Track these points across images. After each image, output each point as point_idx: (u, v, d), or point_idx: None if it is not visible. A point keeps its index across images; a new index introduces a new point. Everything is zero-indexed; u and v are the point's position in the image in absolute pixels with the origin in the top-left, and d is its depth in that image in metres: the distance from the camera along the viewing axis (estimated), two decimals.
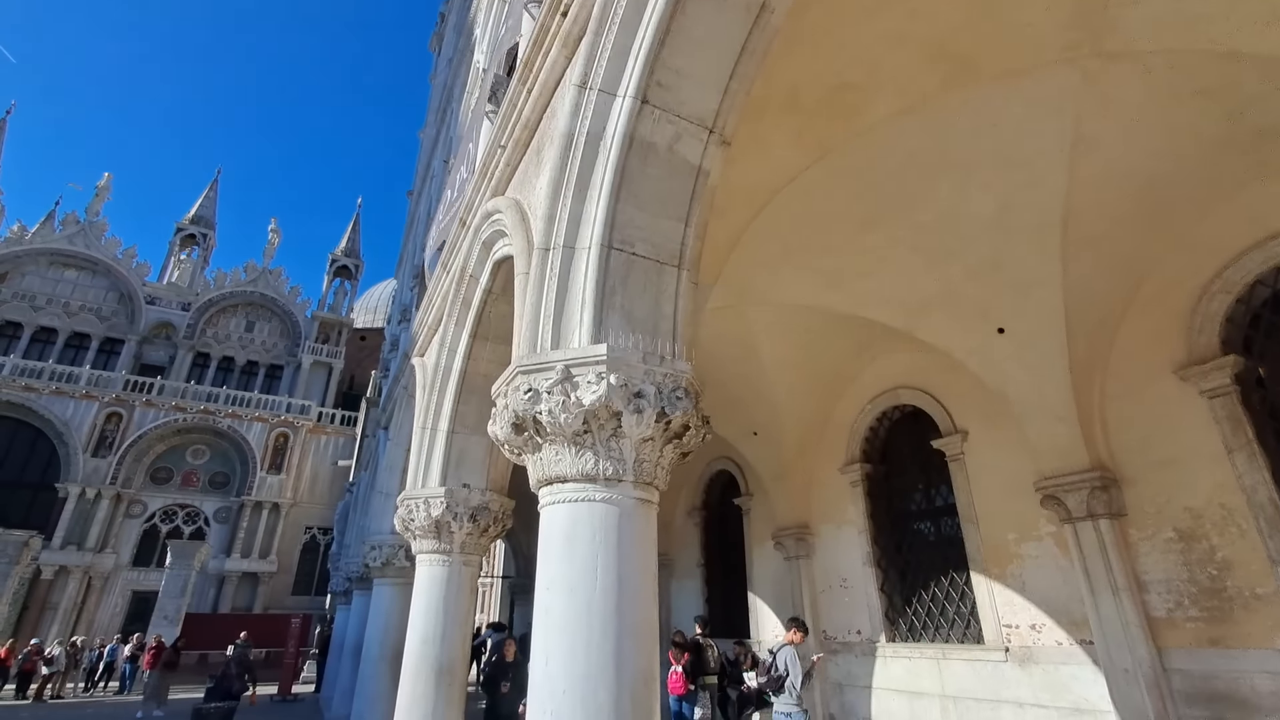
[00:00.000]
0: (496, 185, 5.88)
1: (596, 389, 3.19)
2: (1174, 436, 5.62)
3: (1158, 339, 5.85)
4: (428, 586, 6.44)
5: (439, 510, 6.58)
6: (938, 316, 6.76)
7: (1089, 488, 5.93)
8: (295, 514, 32.23)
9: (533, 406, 3.29)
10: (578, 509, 3.25)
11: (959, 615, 7.29)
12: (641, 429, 3.28)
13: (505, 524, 7.13)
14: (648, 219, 3.71)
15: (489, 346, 6.96)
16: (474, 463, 7.04)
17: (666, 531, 12.96)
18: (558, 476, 3.31)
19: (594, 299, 3.47)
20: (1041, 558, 6.45)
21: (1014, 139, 5.09)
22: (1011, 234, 5.83)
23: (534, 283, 3.72)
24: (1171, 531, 5.54)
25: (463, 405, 7.03)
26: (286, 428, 32.54)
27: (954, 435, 7.49)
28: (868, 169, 5.34)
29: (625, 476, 3.30)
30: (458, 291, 6.93)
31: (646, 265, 3.68)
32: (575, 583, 3.09)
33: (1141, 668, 5.40)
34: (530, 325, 3.64)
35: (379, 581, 9.42)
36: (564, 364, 3.29)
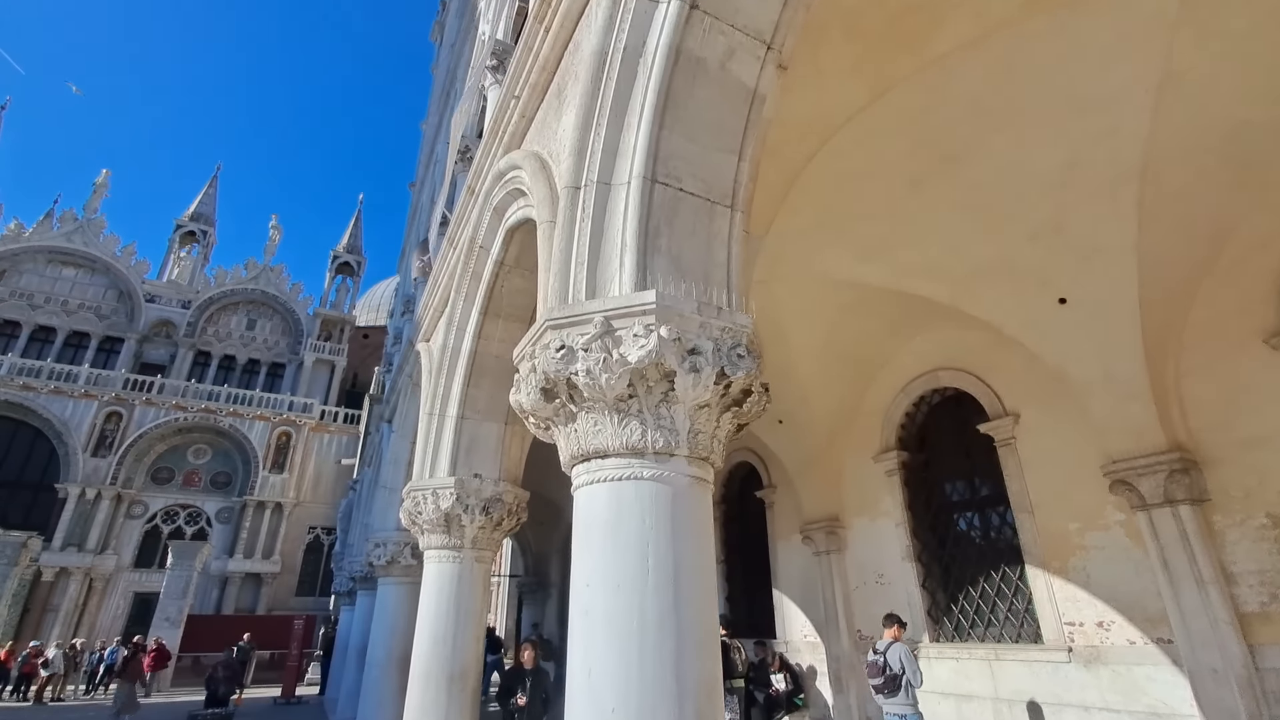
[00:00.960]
0: (509, 143, 5.34)
1: (645, 343, 2.65)
2: (1264, 412, 5.06)
3: (1243, 306, 5.29)
4: (437, 585, 5.92)
5: (448, 502, 6.05)
6: (990, 287, 6.20)
7: (1166, 471, 5.37)
8: (298, 513, 31.76)
9: (566, 367, 2.75)
10: (621, 490, 2.71)
11: (1012, 613, 6.73)
12: (698, 392, 2.74)
13: (520, 517, 6.60)
14: (696, 150, 3.16)
15: (501, 324, 6.42)
16: (486, 451, 6.50)
17: None
18: (596, 450, 2.77)
19: (636, 241, 2.93)
20: (1109, 549, 5.89)
21: (1093, 77, 4.52)
22: (1079, 192, 5.26)
23: (563, 227, 3.18)
24: (1264, 518, 4.99)
25: (473, 388, 6.49)
26: (289, 426, 32.05)
27: (1004, 418, 6.93)
28: (922, 118, 4.79)
29: (678, 450, 2.76)
30: (466, 266, 6.39)
31: (696, 204, 3.13)
32: (622, 578, 2.55)
33: (1233, 668, 4.84)
34: (560, 274, 3.09)
35: (384, 581, 8.90)
36: (603, 315, 2.74)
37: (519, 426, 6.78)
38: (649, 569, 2.56)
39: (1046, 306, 6.02)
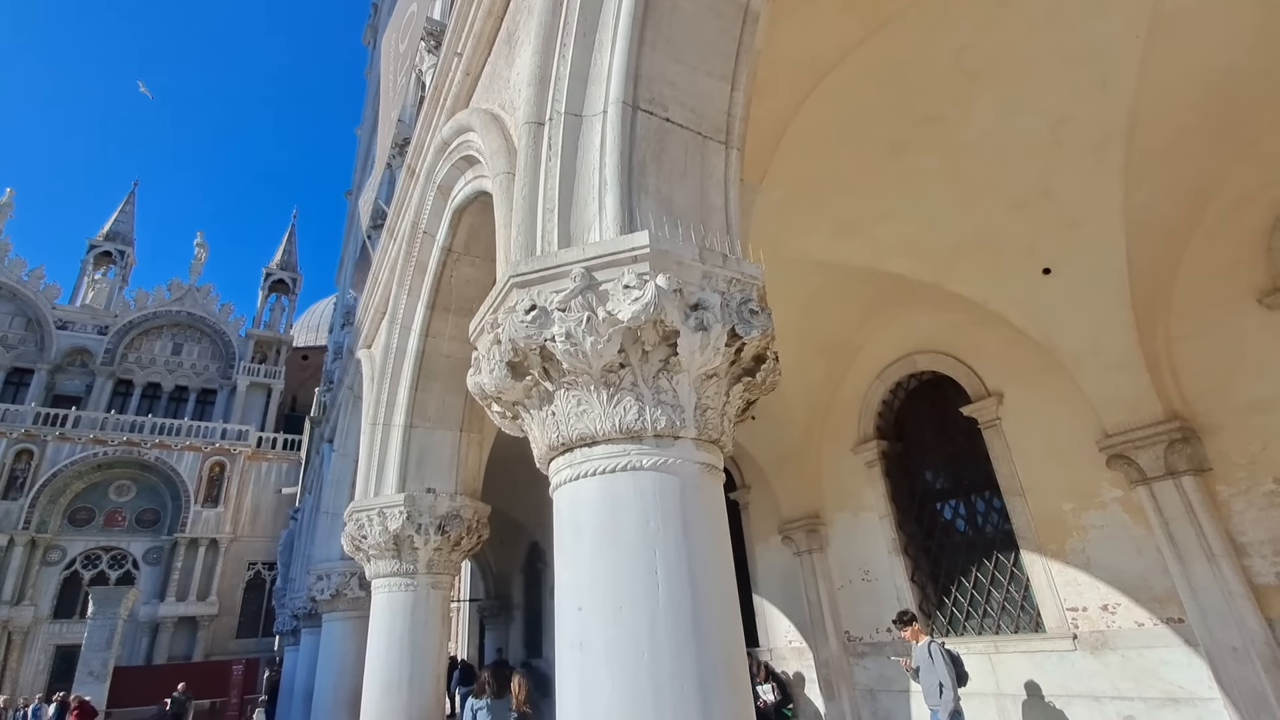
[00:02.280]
0: (453, 107, 4.72)
1: (639, 295, 2.09)
2: (1263, 374, 4.89)
3: (1232, 266, 5.13)
4: (388, 619, 5.16)
5: (398, 522, 5.32)
6: (972, 261, 5.91)
7: (1166, 441, 5.15)
8: (236, 549, 29.59)
9: (539, 333, 2.16)
10: (617, 484, 2.14)
11: (1009, 602, 6.42)
12: (706, 357, 2.19)
13: (481, 534, 5.91)
14: (683, 73, 2.64)
15: (451, 319, 5.75)
16: (439, 462, 5.80)
17: None
18: (582, 437, 2.19)
19: (619, 178, 2.37)
20: (1108, 527, 5.64)
21: (1084, 25, 4.26)
22: (1066, 155, 5.02)
23: (525, 169, 2.60)
24: (1272, 483, 4.79)
25: (422, 393, 5.78)
26: (222, 456, 29.88)
27: (986, 399, 6.66)
28: (905, 70, 4.43)
29: (684, 430, 2.21)
30: (408, 255, 5.70)
31: (686, 138, 2.60)
32: (625, 597, 1.97)
33: (1255, 644, 4.60)
34: (524, 225, 2.51)
35: (329, 617, 7.98)
36: (583, 266, 2.18)
37: (476, 434, 6.10)
38: (659, 583, 1.99)
39: (1031, 278, 5.76)
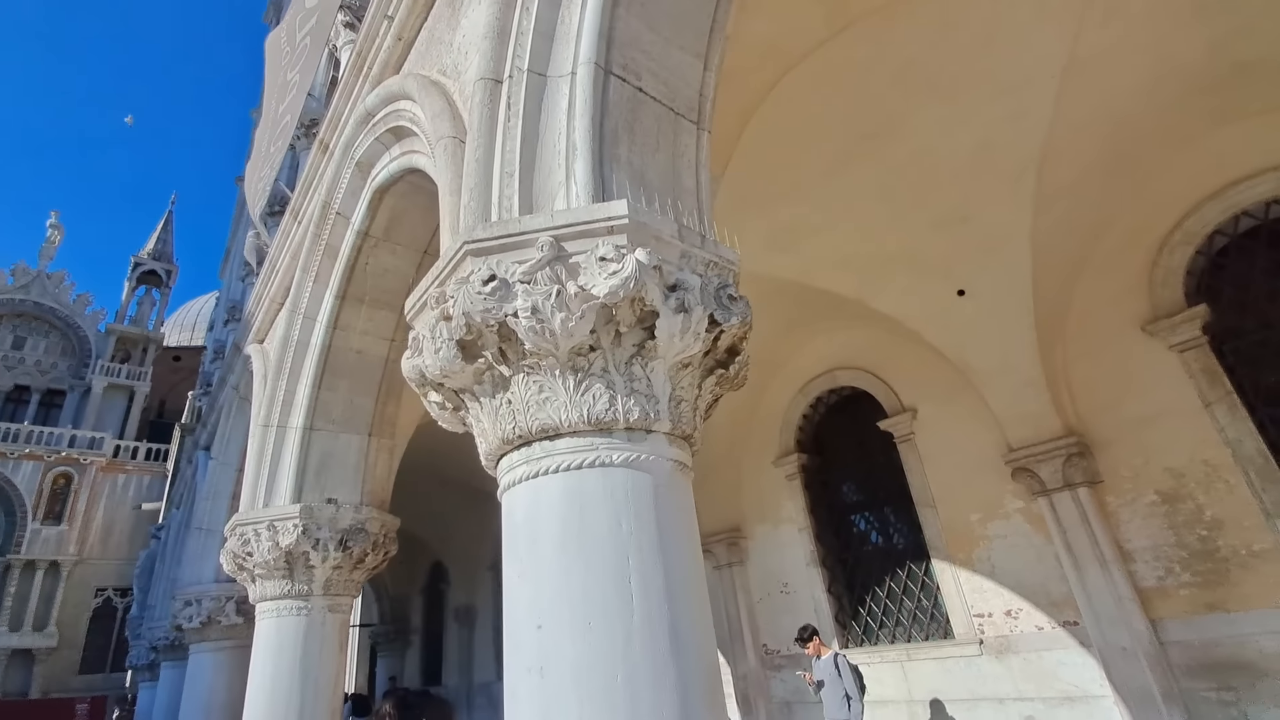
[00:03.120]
0: (380, 75, 4.30)
1: (617, 269, 1.86)
2: (1146, 394, 5.37)
3: (1119, 295, 5.63)
4: (275, 648, 4.53)
5: (291, 537, 4.71)
6: (895, 279, 6.15)
7: (1064, 455, 5.53)
8: (82, 573, 25.89)
9: (500, 307, 1.88)
10: (584, 482, 1.88)
11: (921, 610, 6.65)
12: (685, 342, 2.00)
13: (389, 550, 5.39)
14: (658, 43, 2.46)
15: (365, 311, 5.23)
16: (344, 469, 5.23)
17: None
18: (543, 428, 1.92)
19: (590, 145, 2.15)
20: (1011, 537, 5.97)
21: (1012, 56, 4.54)
22: (986, 179, 5.33)
23: (479, 129, 2.31)
24: (1153, 495, 5.24)
25: (326, 391, 5.21)
26: (69, 466, 26.16)
27: (902, 414, 6.93)
28: (854, 80, 4.54)
29: (657, 424, 2.00)
30: (317, 239, 5.13)
31: (659, 112, 2.42)
32: (595, 611, 1.72)
33: (1141, 644, 4.97)
34: (478, 188, 2.22)
35: (198, 648, 6.98)
36: (551, 234, 1.92)
37: (387, 439, 5.57)
38: (633, 595, 1.75)
39: (948, 298, 6.06)
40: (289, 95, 6.46)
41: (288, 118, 6.61)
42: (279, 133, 6.67)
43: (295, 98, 6.69)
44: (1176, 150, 5.26)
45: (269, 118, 6.78)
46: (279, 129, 6.66)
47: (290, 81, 6.35)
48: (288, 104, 6.50)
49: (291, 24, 6.70)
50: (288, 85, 6.39)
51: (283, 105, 6.56)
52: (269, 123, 6.76)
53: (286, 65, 6.47)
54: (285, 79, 6.42)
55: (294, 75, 6.27)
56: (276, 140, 6.75)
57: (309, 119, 9.10)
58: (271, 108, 6.67)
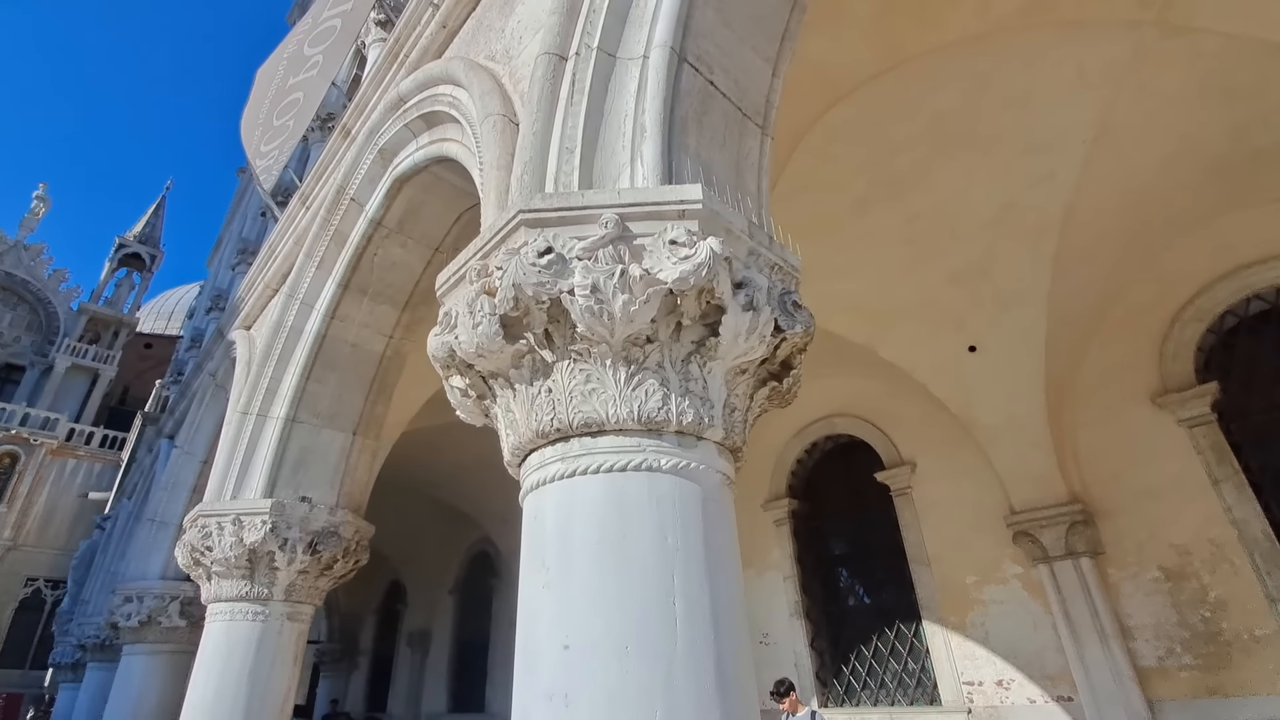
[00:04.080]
0: (418, 63, 4.19)
1: (689, 254, 1.71)
2: (1153, 466, 5.30)
3: (1130, 364, 5.62)
4: (225, 654, 4.15)
5: (258, 534, 4.38)
6: (907, 329, 6.09)
7: (1068, 522, 5.41)
8: (13, 561, 24.39)
9: (556, 282, 1.70)
10: (626, 485, 1.68)
11: (908, 673, 6.38)
12: (749, 345, 1.84)
13: (360, 559, 5.06)
14: (732, 39, 2.37)
15: (366, 304, 5.01)
16: (322, 467, 4.94)
17: None
18: (586, 423, 1.73)
19: (660, 129, 2.02)
20: (1008, 603, 5.79)
21: (1044, 118, 4.59)
22: (1007, 236, 5.33)
23: (540, 102, 2.17)
24: (1157, 570, 5.12)
25: (315, 383, 4.94)
26: (17, 445, 24.91)
27: (901, 467, 6.79)
28: (888, 124, 4.53)
29: (709, 430, 1.82)
30: (326, 224, 4.94)
31: (727, 109, 2.31)
32: (634, 633, 1.50)
33: None
34: (534, 162, 2.07)
35: (131, 649, 6.44)
36: (617, 212, 1.77)
37: (371, 440, 5.29)
38: (677, 618, 1.54)
39: (958, 352, 6.01)
40: (303, 71, 6.31)
41: (299, 95, 6.45)
42: (285, 106, 6.49)
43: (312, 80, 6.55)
44: (1192, 228, 5.33)
45: (274, 81, 6.57)
46: (286, 101, 6.47)
47: (308, 57, 6.21)
48: (301, 80, 6.34)
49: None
50: (305, 59, 6.25)
51: (295, 78, 6.39)
52: (273, 86, 6.55)
53: (305, 37, 6.33)
54: (303, 51, 6.27)
55: (313, 52, 6.13)
56: (284, 114, 6.56)
57: (325, 112, 9.00)
58: (278, 73, 6.48)
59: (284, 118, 6.47)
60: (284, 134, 6.65)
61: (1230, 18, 3.94)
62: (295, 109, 6.43)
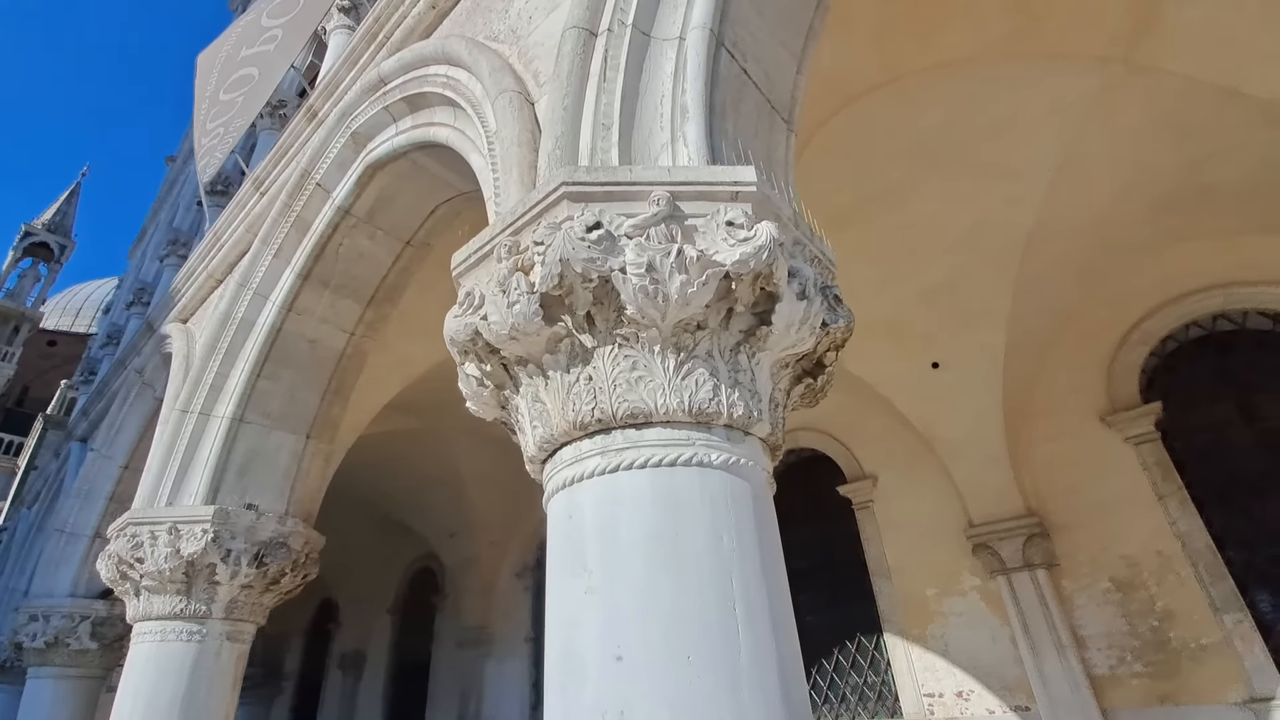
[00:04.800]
0: (403, 43, 3.97)
1: (748, 237, 1.61)
2: (1104, 481, 5.55)
3: (1082, 383, 5.90)
4: (153, 680, 3.74)
5: (199, 544, 3.99)
6: (876, 344, 6.20)
7: (1025, 535, 5.59)
8: None
9: (606, 259, 1.58)
10: (675, 480, 1.57)
11: (869, 686, 6.41)
12: (800, 335, 1.77)
13: (309, 573, 4.70)
14: (764, 30, 2.32)
15: (327, 298, 4.70)
16: (270, 471, 4.57)
17: (486, 596, 10.53)
18: (632, 414, 1.60)
19: (702, 110, 1.93)
20: (967, 614, 5.91)
21: (1018, 144, 4.79)
22: (975, 256, 5.53)
23: (569, 77, 2.05)
24: (1108, 581, 5.34)
25: (266, 380, 4.58)
26: None
27: (863, 481, 6.89)
28: (875, 140, 4.62)
29: (757, 425, 1.73)
30: (287, 210, 4.61)
31: (758, 100, 2.25)
32: (695, 640, 1.38)
33: None
34: (565, 137, 1.94)
35: (37, 673, 5.73)
36: (668, 189, 1.66)
37: (325, 444, 4.94)
38: (739, 625, 1.42)
39: (923, 368, 6.16)
40: (259, 43, 5.91)
41: (254, 70, 6.04)
42: (236, 80, 6.05)
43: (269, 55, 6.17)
44: (1141, 256, 5.67)
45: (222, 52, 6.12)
46: (237, 75, 6.04)
47: (266, 28, 5.83)
48: (256, 53, 5.94)
49: None
50: (262, 31, 5.86)
51: (249, 49, 5.97)
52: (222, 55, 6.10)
53: (265, 5, 5.93)
54: (261, 21, 5.87)
55: (273, 24, 5.77)
56: (233, 89, 6.12)
57: (277, 99, 8.52)
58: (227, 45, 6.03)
59: (233, 93, 6.04)
60: (231, 110, 6.22)
61: (1190, 61, 4.22)
62: (248, 85, 6.03)
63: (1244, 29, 4.00)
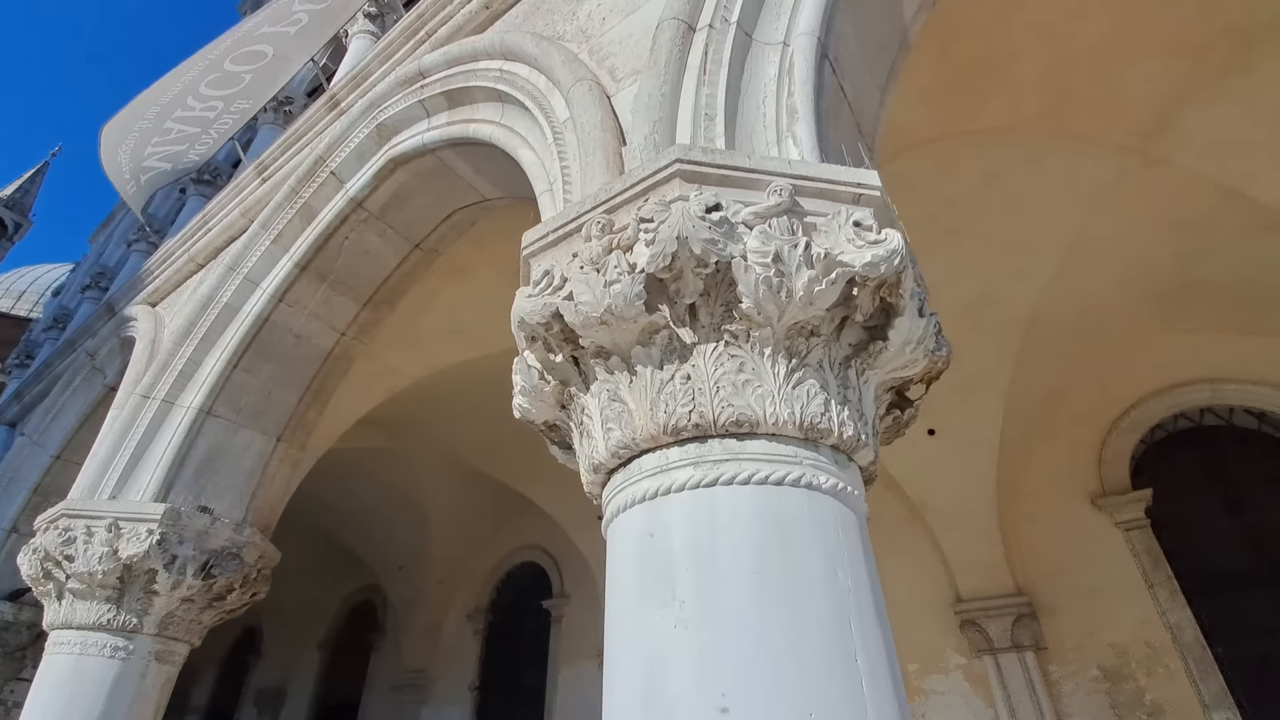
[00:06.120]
0: (448, 39, 3.86)
1: (879, 240, 1.48)
2: (1093, 565, 5.49)
3: (1074, 464, 5.91)
4: (65, 701, 3.26)
5: (141, 546, 3.56)
6: None
7: (1015, 614, 5.45)
8: None
9: (727, 244, 1.41)
10: (785, 501, 1.38)
11: None
12: (910, 357, 1.64)
13: (258, 592, 4.26)
14: (857, 52, 2.27)
15: (323, 292, 4.42)
16: (232, 473, 4.18)
17: (430, 638, 9.78)
18: (738, 422, 1.42)
19: (811, 113, 1.83)
20: (950, 694, 5.67)
21: (1032, 221, 4.90)
22: (978, 327, 5.57)
23: (665, 65, 1.94)
24: (1096, 669, 5.20)
25: (243, 373, 4.23)
26: None
27: None
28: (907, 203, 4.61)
29: (861, 452, 1.58)
30: (293, 196, 4.35)
31: (849, 120, 2.20)
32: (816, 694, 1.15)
33: None
34: (664, 122, 1.83)
35: None
36: (790, 182, 1.52)
37: (296, 450, 4.57)
38: (861, 677, 1.20)
39: (918, 435, 6.09)
40: (282, 23, 5.71)
41: (268, 48, 5.82)
42: (246, 55, 5.80)
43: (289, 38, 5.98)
44: (1134, 344, 5.81)
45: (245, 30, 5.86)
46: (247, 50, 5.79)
47: (294, 12, 5.64)
48: (276, 32, 5.73)
49: None
50: (289, 13, 5.66)
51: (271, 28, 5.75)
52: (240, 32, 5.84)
53: None
54: (292, 5, 5.68)
55: (301, 8, 5.61)
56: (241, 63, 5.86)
57: (284, 95, 8.32)
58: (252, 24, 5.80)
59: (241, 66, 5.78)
60: (236, 86, 5.95)
61: (1200, 159, 4.40)
62: (259, 63, 5.80)
63: (1257, 136, 4.20)
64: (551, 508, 8.73)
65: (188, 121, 6.68)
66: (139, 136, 6.74)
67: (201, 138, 6.86)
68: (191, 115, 6.63)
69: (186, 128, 6.71)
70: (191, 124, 6.59)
